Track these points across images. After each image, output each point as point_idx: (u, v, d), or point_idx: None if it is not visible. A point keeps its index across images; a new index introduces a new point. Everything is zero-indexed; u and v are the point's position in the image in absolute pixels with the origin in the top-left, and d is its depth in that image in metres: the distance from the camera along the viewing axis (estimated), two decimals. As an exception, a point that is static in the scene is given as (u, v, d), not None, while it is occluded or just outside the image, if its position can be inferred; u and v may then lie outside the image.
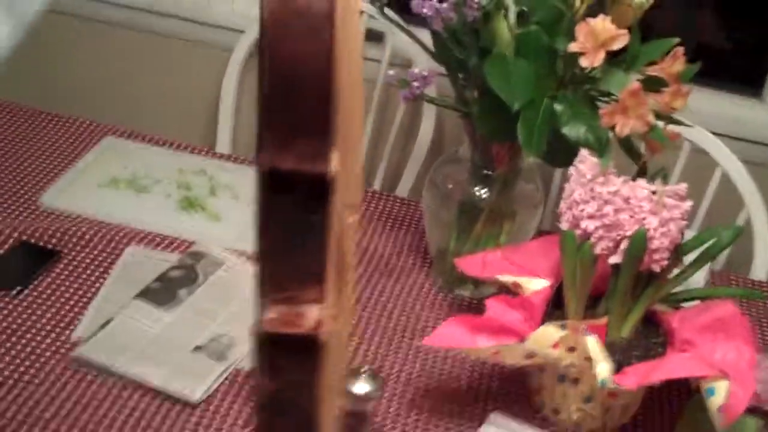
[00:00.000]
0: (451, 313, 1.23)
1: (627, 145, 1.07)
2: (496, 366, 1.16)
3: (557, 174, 1.69)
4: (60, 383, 1.04)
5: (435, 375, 1.14)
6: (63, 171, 1.40)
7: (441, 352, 1.17)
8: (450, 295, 1.27)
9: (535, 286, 1.08)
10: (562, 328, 0.98)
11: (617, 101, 1.01)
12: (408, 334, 1.20)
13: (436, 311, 1.24)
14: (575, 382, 1.05)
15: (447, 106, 1.20)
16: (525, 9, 1.12)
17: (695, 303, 1.11)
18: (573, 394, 1.05)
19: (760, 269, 1.56)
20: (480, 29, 1.12)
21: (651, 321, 1.09)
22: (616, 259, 1.00)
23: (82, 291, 1.17)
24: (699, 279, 1.34)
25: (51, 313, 1.13)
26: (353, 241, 0.63)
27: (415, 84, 1.14)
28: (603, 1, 1.07)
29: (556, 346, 0.99)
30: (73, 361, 1.06)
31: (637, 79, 1.04)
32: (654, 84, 1.04)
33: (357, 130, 0.59)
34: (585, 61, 1.02)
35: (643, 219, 0.98)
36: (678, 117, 1.08)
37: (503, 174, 1.22)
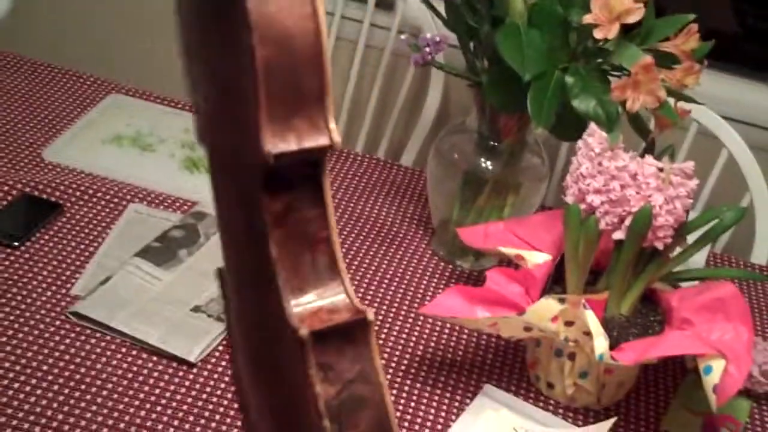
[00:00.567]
0: (451, 284, 1.24)
1: (636, 121, 1.07)
2: (492, 338, 1.16)
3: (563, 149, 1.69)
4: (58, 337, 1.04)
5: (431, 345, 1.14)
6: (67, 126, 1.39)
7: (439, 322, 1.17)
8: (450, 266, 1.27)
9: (537, 259, 1.08)
10: (561, 301, 0.98)
11: (629, 75, 1.00)
12: (407, 302, 1.20)
13: (436, 281, 1.24)
14: (571, 357, 1.05)
15: (457, 74, 1.19)
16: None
17: (695, 283, 1.11)
18: (569, 368, 1.06)
19: (760, 254, 1.56)
20: (494, -3, 1.11)
21: (650, 299, 1.09)
22: (619, 235, 1.00)
23: (83, 246, 1.17)
24: (699, 260, 1.34)
25: (51, 266, 1.13)
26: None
27: (427, 49, 1.13)
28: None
29: (554, 319, 0.99)
30: (72, 316, 1.06)
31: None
32: (666, 60, 1.04)
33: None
34: (599, 33, 1.01)
35: (649, 196, 0.97)
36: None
37: (510, 146, 1.21)
